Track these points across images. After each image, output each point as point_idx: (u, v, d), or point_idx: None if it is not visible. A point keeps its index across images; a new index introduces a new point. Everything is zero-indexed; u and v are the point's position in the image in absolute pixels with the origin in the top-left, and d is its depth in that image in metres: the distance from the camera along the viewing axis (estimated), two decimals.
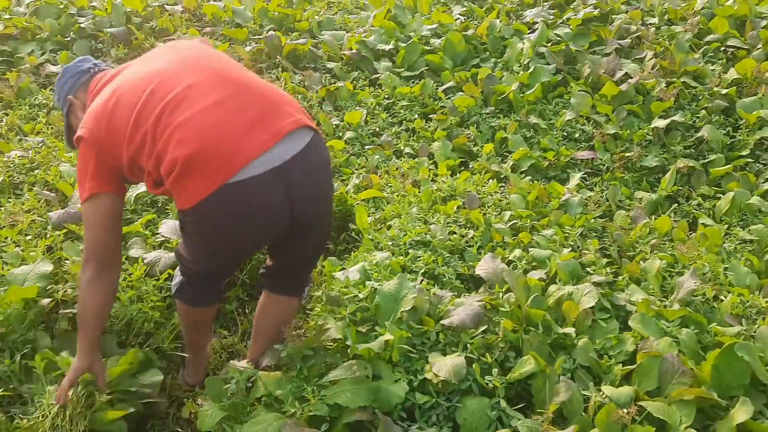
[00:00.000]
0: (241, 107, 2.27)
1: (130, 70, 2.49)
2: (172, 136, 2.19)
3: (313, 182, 2.41)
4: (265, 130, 2.25)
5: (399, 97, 5.22)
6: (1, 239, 3.32)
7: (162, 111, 2.24)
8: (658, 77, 5.00)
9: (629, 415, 2.27)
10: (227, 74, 2.37)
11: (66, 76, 2.68)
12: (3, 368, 2.62)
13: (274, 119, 2.29)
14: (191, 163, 2.17)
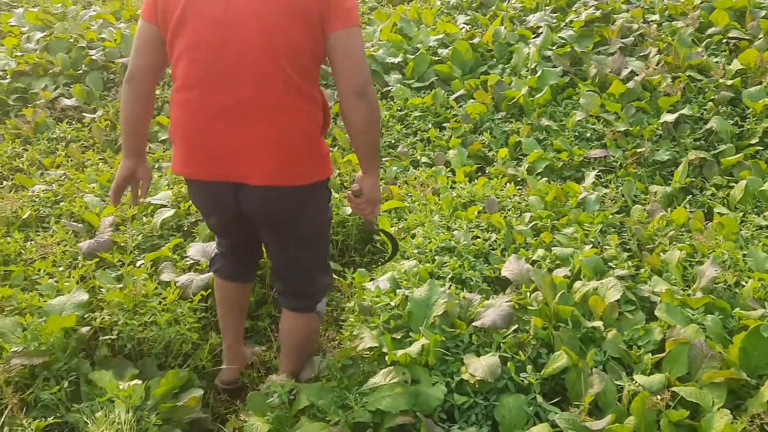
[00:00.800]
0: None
1: None
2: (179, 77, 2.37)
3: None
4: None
5: (411, 108, 5.31)
6: (35, 272, 3.40)
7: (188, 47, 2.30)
8: (663, 73, 5.07)
9: (663, 401, 2.32)
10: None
11: None
12: (50, 396, 2.69)
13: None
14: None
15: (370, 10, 7.75)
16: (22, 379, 2.76)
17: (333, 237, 3.83)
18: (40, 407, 2.70)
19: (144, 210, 4.00)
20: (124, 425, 2.51)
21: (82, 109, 5.87)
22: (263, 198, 2.42)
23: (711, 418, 2.33)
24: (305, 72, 2.31)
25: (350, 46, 2.26)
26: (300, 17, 2.21)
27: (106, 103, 5.89)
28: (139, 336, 2.99)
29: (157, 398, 2.69)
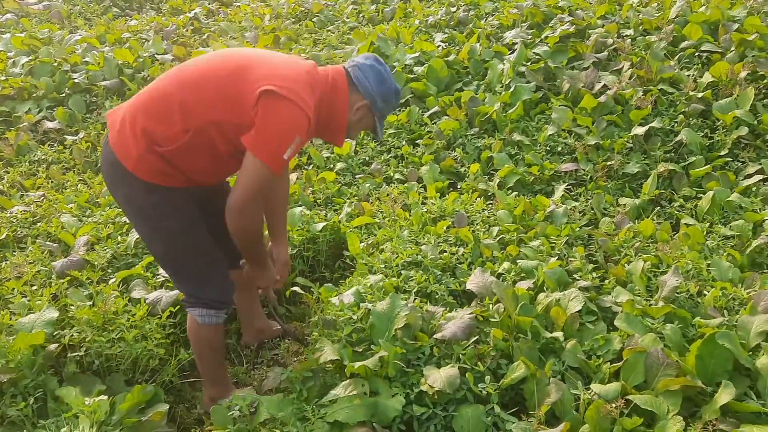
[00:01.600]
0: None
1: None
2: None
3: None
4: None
5: (386, 125, 5.36)
6: (8, 291, 3.44)
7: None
8: (635, 86, 5.15)
9: (617, 409, 2.36)
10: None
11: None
12: (16, 412, 2.72)
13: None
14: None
15: (350, 29, 7.85)
16: None
17: (304, 253, 3.88)
18: (6, 424, 2.73)
19: (119, 229, 4.05)
20: None
21: (64, 132, 5.93)
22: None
23: (665, 425, 2.37)
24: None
25: (247, 168, 2.48)
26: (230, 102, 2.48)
27: (87, 125, 5.95)
28: (107, 352, 3.03)
29: (123, 413, 2.73)
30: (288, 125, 2.44)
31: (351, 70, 2.71)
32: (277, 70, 2.51)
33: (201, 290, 2.78)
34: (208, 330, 2.83)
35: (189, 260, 2.73)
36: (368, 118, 2.79)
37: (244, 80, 2.46)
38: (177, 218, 2.65)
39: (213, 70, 2.53)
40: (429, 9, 8.04)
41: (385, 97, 2.73)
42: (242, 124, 2.45)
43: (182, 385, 3.22)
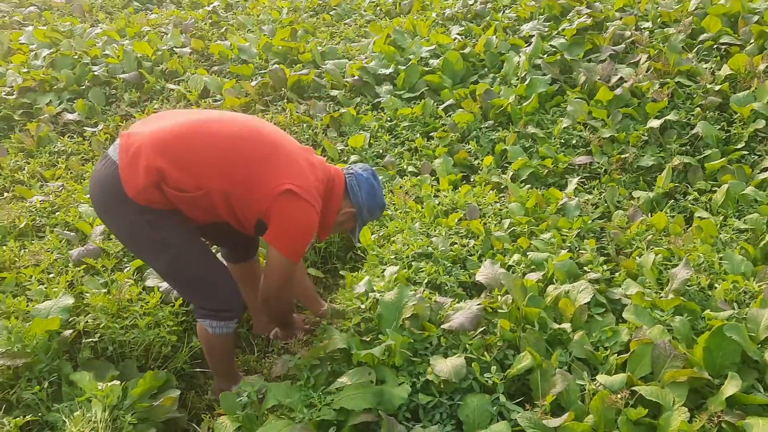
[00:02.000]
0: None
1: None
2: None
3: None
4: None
5: (401, 118, 5.38)
6: (26, 278, 3.51)
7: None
8: (652, 79, 5.11)
9: (622, 399, 2.36)
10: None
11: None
12: (31, 396, 2.78)
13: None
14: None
15: (367, 22, 7.86)
16: (6, 379, 2.86)
17: (316, 244, 3.91)
18: (21, 406, 2.80)
19: None
20: (100, 424, 2.60)
21: (83, 123, 6.02)
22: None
23: (669, 416, 2.37)
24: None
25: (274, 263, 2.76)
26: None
27: (106, 118, 6.03)
28: (121, 339, 3.09)
29: (135, 398, 2.78)
30: (306, 226, 2.71)
31: (348, 178, 2.97)
32: (299, 170, 2.73)
33: (209, 301, 2.83)
34: (218, 339, 2.88)
35: (193, 271, 2.77)
36: (350, 223, 3.03)
37: (270, 167, 2.65)
38: (174, 231, 2.70)
39: (245, 144, 2.67)
40: (446, 2, 8.02)
41: (371, 209, 3.01)
42: (251, 203, 2.66)
43: (194, 372, 3.27)
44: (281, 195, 2.61)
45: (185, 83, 6.32)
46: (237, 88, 6.03)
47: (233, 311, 2.86)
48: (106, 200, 2.65)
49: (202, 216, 2.73)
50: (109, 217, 2.72)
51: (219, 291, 2.82)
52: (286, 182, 2.63)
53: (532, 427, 2.41)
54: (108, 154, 2.64)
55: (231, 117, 2.81)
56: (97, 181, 2.66)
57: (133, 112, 6.09)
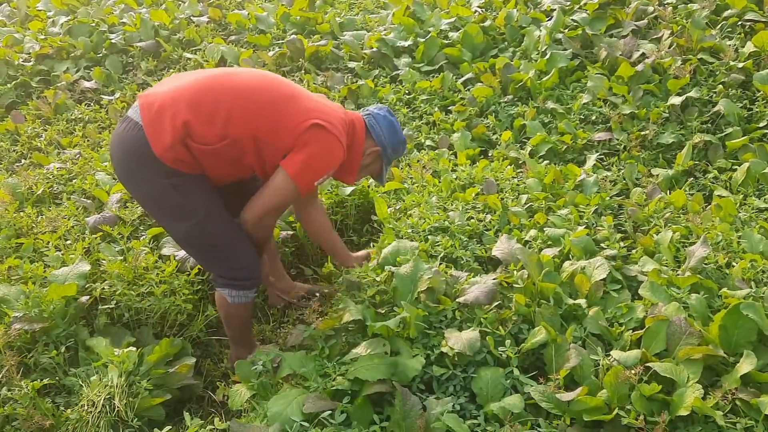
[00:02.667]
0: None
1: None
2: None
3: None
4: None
5: (419, 91, 5.34)
6: (43, 244, 3.54)
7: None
8: (674, 55, 5.03)
9: (636, 375, 2.36)
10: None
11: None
12: (48, 360, 2.82)
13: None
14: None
15: None
16: (24, 343, 2.90)
17: (332, 216, 3.91)
18: (39, 370, 2.84)
19: None
20: (116, 389, 2.63)
21: (100, 92, 6.02)
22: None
23: (683, 392, 2.36)
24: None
25: (276, 185, 2.72)
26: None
27: (123, 86, 6.03)
28: (137, 306, 3.12)
29: (150, 364, 2.81)
30: (329, 158, 2.73)
31: (366, 119, 3.00)
32: (324, 107, 2.78)
33: (230, 270, 2.83)
34: (237, 308, 2.90)
35: (215, 239, 2.76)
36: (376, 164, 3.08)
37: (294, 109, 2.68)
38: (199, 197, 2.70)
39: (266, 89, 2.70)
40: None
41: (394, 146, 3.05)
42: (279, 146, 2.67)
43: (209, 340, 3.31)
44: (309, 129, 2.66)
45: (202, 52, 6.30)
46: (254, 58, 6.00)
47: (253, 280, 2.87)
48: (130, 163, 2.63)
49: (227, 171, 2.73)
50: (132, 181, 2.70)
51: (240, 260, 2.82)
52: (313, 117, 2.67)
53: (545, 400, 2.41)
54: (129, 117, 2.63)
55: (247, 70, 2.85)
56: (120, 144, 2.64)
57: (149, 80, 6.08)
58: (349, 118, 2.92)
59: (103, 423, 2.55)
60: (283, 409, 2.35)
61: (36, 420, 2.57)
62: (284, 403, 2.38)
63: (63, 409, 2.68)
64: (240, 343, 3.04)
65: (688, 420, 2.33)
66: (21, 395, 2.60)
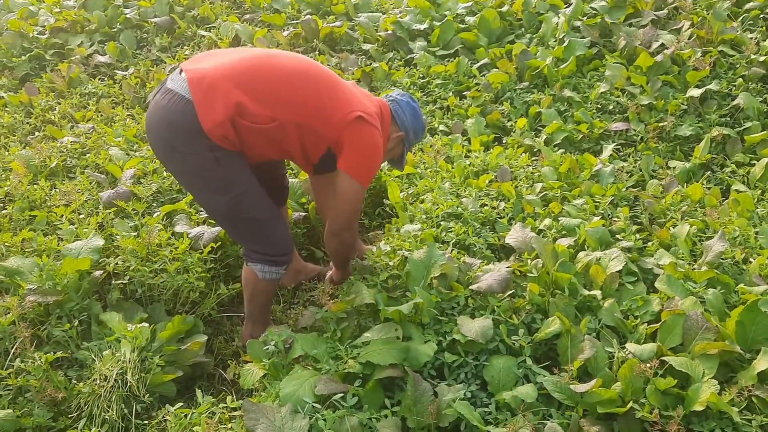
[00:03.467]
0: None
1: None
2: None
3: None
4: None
5: (433, 75, 5.30)
6: (57, 217, 3.54)
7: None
8: (694, 47, 4.98)
9: (652, 369, 2.34)
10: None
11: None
12: (61, 333, 2.82)
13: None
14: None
15: None
16: (37, 316, 2.91)
17: None
18: (52, 343, 2.85)
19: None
20: (128, 364, 2.64)
21: (114, 66, 6.00)
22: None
23: (698, 387, 2.34)
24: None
25: (347, 191, 2.80)
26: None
27: (137, 61, 6.01)
28: (150, 282, 3.11)
29: (163, 341, 2.82)
30: (377, 150, 2.81)
31: (390, 105, 3.04)
32: (361, 97, 2.85)
33: (264, 245, 2.84)
34: (265, 283, 2.91)
35: (253, 213, 2.77)
36: (398, 149, 3.12)
37: (337, 99, 2.73)
38: (239, 171, 2.71)
39: (311, 76, 2.72)
40: None
41: (416, 131, 3.10)
42: (323, 135, 2.72)
43: (221, 319, 3.31)
44: (353, 122, 2.71)
45: (216, 30, 6.26)
46: (268, 37, 5.96)
47: (286, 256, 2.90)
48: (173, 135, 2.61)
49: (266, 152, 2.76)
50: (172, 153, 2.68)
51: (275, 235, 2.85)
52: (355, 110, 2.72)
53: (558, 391, 2.40)
54: (172, 90, 2.61)
55: (287, 54, 2.86)
56: (164, 116, 2.62)
57: (163, 57, 6.06)
58: (377, 105, 2.95)
59: (115, 397, 2.56)
60: (296, 389, 2.35)
61: (49, 392, 2.58)
62: (296, 384, 2.38)
63: (75, 382, 2.69)
64: (257, 321, 3.03)
65: (702, 415, 2.32)
66: (34, 367, 2.60)
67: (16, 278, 3.01)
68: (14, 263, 3.08)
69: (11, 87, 5.80)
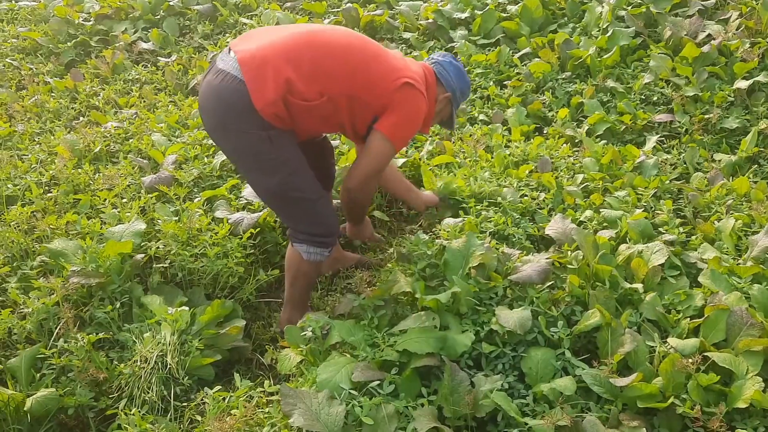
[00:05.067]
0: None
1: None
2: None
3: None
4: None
5: (474, 64, 5.25)
6: (100, 201, 3.60)
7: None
8: (742, 38, 4.85)
9: (694, 364, 2.30)
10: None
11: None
12: (103, 315, 2.87)
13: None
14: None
15: None
16: (80, 297, 2.96)
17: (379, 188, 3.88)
18: (94, 324, 2.90)
19: (206, 151, 4.15)
20: (168, 346, 2.67)
21: (157, 53, 6.08)
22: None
23: (742, 384, 2.30)
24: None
25: (375, 148, 2.80)
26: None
27: (180, 48, 6.07)
28: (190, 266, 3.15)
29: (202, 325, 2.85)
30: (419, 115, 2.85)
31: (434, 67, 3.05)
32: (406, 63, 2.89)
33: (311, 225, 2.86)
34: (310, 265, 2.93)
35: (303, 192, 2.79)
36: (447, 110, 3.14)
37: (384, 67, 2.76)
38: (290, 151, 2.74)
39: (357, 48, 2.76)
40: None
41: (462, 90, 3.12)
42: (372, 104, 2.74)
43: (259, 304, 3.34)
44: (400, 88, 2.74)
45: (258, 18, 6.29)
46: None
47: (332, 238, 2.93)
48: (226, 114, 2.65)
49: (315, 127, 2.83)
50: (225, 132, 2.72)
51: (323, 215, 2.88)
52: (402, 76, 2.76)
53: (597, 384, 2.38)
54: (223, 70, 2.65)
55: (332, 27, 2.91)
56: (217, 96, 2.65)
57: (206, 44, 6.11)
58: (422, 69, 2.99)
59: (155, 379, 2.60)
60: (333, 376, 2.36)
61: (90, 372, 2.63)
62: (333, 370, 2.39)
63: (116, 363, 2.73)
64: (296, 306, 3.05)
65: (745, 413, 2.28)
66: (77, 347, 2.66)
67: (60, 260, 3.07)
68: (59, 245, 3.15)
69: (57, 72, 5.91)
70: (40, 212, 3.60)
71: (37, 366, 2.72)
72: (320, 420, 2.19)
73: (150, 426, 2.40)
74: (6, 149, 4.43)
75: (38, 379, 2.67)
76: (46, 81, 5.64)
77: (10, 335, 2.87)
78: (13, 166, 4.09)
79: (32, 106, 5.09)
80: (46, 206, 3.67)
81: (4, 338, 2.86)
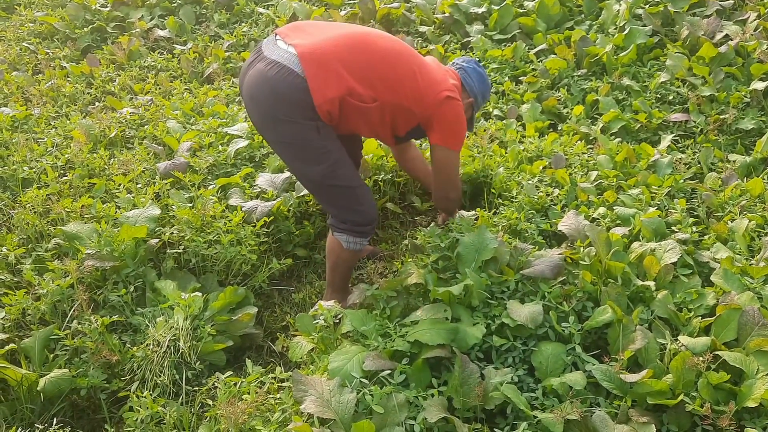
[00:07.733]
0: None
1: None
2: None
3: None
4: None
5: (490, 60, 5.24)
6: (115, 186, 3.63)
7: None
8: (760, 39, 4.81)
9: (705, 362, 2.30)
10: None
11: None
12: (117, 298, 2.90)
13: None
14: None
15: None
16: (94, 280, 2.99)
17: (396, 179, 3.90)
18: (107, 307, 2.93)
19: (221, 139, 4.17)
20: (181, 331, 2.70)
21: (173, 41, 6.09)
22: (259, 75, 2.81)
23: (752, 384, 2.30)
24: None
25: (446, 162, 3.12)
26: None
27: (196, 37, 6.09)
28: (204, 252, 3.17)
29: (214, 311, 2.87)
30: (464, 121, 3.05)
31: (459, 73, 3.22)
32: (444, 75, 3.05)
33: (353, 213, 2.91)
34: (349, 253, 2.98)
35: (346, 181, 2.86)
36: (469, 112, 3.25)
37: (428, 80, 2.92)
38: (335, 142, 2.82)
39: (405, 59, 2.89)
40: None
41: (484, 94, 3.29)
42: (417, 114, 2.91)
43: (271, 292, 3.36)
44: (443, 102, 2.91)
45: (274, 8, 6.30)
46: (325, 16, 5.97)
47: (371, 227, 2.98)
48: (279, 106, 2.69)
49: (358, 127, 2.91)
50: (274, 123, 2.76)
51: (365, 203, 2.92)
52: (443, 89, 2.93)
53: (607, 380, 2.39)
54: (279, 62, 2.69)
55: (379, 33, 2.98)
56: (271, 88, 2.68)
57: (221, 33, 6.13)
58: (454, 78, 3.15)
59: (167, 363, 2.62)
60: (344, 364, 2.37)
61: (104, 354, 2.66)
62: (345, 358, 2.40)
63: (129, 346, 2.77)
64: (337, 289, 3.12)
65: (754, 412, 2.28)
66: (91, 329, 2.69)
67: (75, 243, 3.10)
68: (74, 228, 3.18)
69: (73, 58, 5.94)
70: (55, 195, 3.63)
71: (50, 347, 2.76)
72: (331, 407, 2.21)
73: (161, 409, 2.43)
74: (22, 132, 4.46)
75: (51, 359, 2.70)
76: (62, 66, 5.68)
77: (24, 316, 2.90)
78: (30, 149, 4.12)
79: (48, 91, 5.12)
80: (62, 189, 3.70)
81: (19, 319, 2.89)
